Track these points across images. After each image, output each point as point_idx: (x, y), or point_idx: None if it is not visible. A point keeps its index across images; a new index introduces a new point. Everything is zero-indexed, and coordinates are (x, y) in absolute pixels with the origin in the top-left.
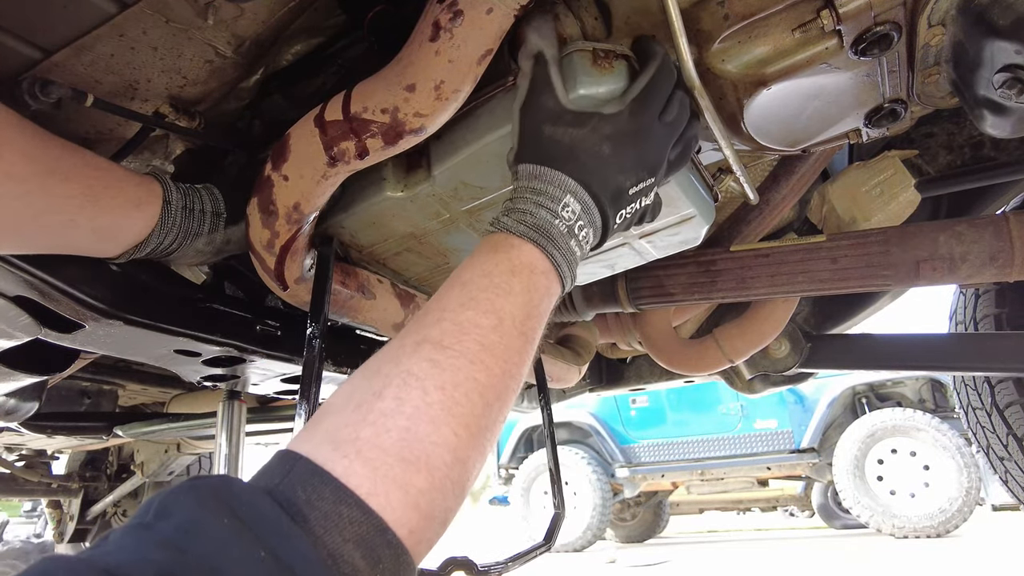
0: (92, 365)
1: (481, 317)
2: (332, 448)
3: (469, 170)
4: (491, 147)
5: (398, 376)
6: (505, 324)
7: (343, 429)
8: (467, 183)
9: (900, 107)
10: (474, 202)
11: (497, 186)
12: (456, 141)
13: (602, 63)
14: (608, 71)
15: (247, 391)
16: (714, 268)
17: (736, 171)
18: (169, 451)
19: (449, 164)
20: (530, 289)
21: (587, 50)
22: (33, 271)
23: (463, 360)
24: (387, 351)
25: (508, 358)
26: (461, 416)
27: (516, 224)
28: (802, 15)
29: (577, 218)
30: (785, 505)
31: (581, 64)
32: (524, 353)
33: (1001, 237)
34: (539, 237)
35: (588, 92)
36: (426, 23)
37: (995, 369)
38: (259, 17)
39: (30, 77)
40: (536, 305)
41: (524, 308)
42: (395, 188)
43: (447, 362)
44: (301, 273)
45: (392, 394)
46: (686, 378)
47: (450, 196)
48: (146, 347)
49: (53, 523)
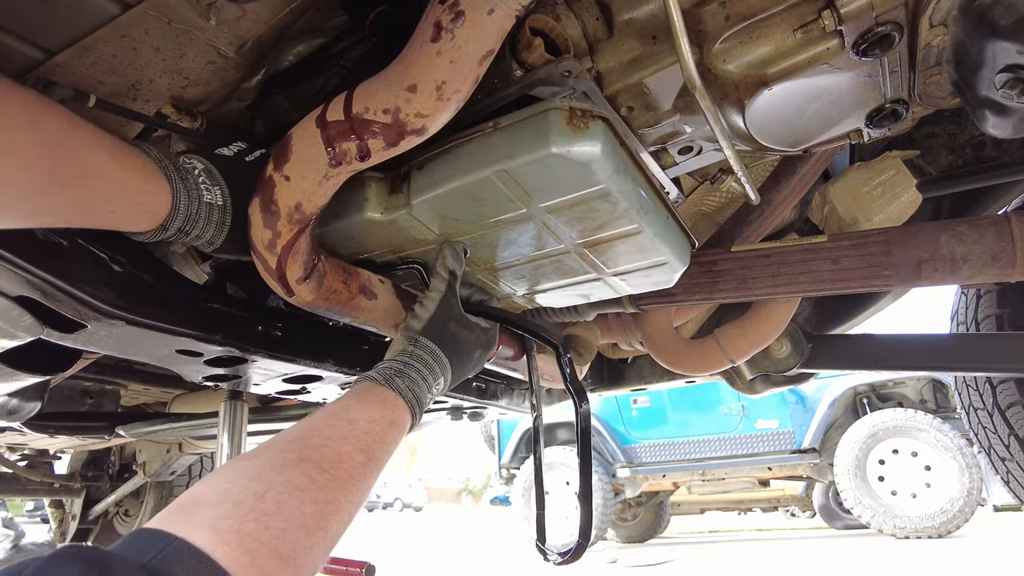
0: (94, 365)
1: (357, 454)
2: (212, 533)
3: (445, 204)
4: (465, 188)
5: (280, 484)
6: (371, 463)
7: (224, 520)
8: (443, 215)
9: (901, 107)
10: (450, 230)
11: (471, 219)
12: (434, 175)
13: (577, 122)
14: (582, 131)
15: (249, 391)
16: (715, 268)
17: (737, 171)
18: (171, 451)
19: (426, 196)
20: (396, 440)
21: (563, 109)
22: (35, 271)
23: (336, 484)
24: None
25: (364, 490)
26: (327, 530)
27: (407, 391)
28: (803, 16)
29: (438, 392)
30: (786, 505)
31: (556, 122)
32: (371, 488)
33: (1003, 237)
34: (417, 406)
35: (559, 151)
36: (427, 24)
37: (996, 369)
38: (261, 18)
39: (33, 78)
40: (391, 452)
41: (387, 454)
42: (376, 210)
43: (324, 482)
44: (303, 273)
45: (273, 498)
46: (687, 378)
47: (427, 223)
48: (148, 347)
49: (55, 523)
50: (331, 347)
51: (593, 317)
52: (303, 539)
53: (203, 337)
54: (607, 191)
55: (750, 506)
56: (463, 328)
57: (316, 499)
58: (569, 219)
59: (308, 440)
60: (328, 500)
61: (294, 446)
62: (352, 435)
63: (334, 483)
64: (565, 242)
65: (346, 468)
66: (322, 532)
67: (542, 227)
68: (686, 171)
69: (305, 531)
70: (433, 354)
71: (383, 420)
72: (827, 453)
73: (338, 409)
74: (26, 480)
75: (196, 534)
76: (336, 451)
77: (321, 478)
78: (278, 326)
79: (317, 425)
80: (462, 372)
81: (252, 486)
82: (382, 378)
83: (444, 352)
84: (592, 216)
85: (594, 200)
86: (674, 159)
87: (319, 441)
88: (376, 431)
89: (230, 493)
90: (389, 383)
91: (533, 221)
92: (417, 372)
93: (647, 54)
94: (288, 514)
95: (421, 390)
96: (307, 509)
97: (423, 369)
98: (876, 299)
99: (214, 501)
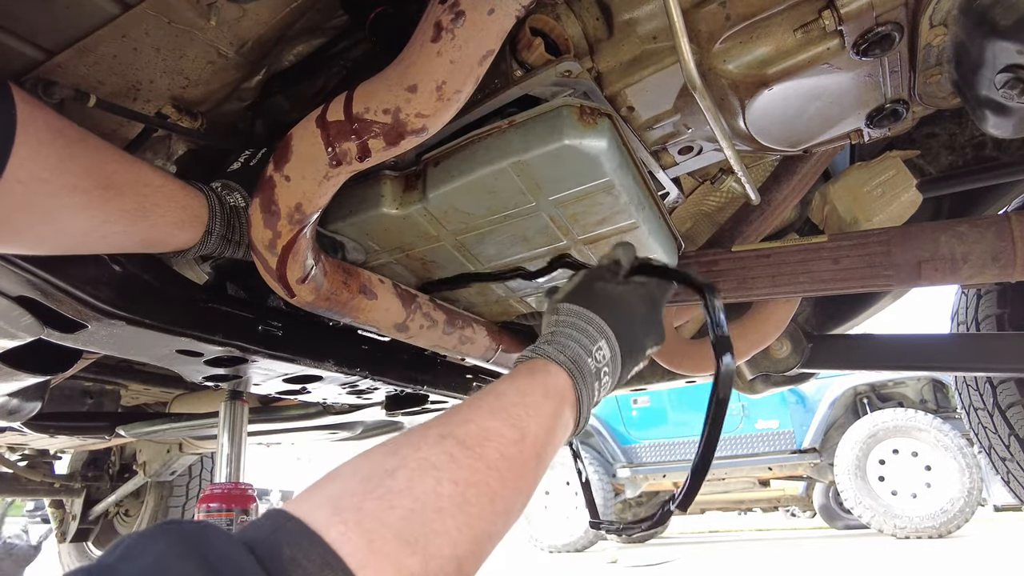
0: (94, 365)
1: (507, 429)
2: (331, 512)
3: (460, 197)
4: (482, 180)
5: (415, 461)
6: (527, 441)
7: (346, 497)
8: (457, 208)
9: (902, 107)
10: (460, 226)
11: (482, 214)
12: (451, 170)
13: (587, 119)
14: (592, 126)
15: (249, 391)
16: (716, 268)
17: (737, 171)
18: (171, 451)
19: (443, 190)
20: (557, 415)
21: (575, 106)
22: (36, 271)
23: (481, 463)
24: (408, 436)
25: (522, 475)
26: (468, 515)
27: (556, 353)
28: (804, 16)
29: (605, 363)
30: (786, 505)
31: (569, 117)
32: (535, 475)
33: (1003, 237)
34: (575, 369)
35: (572, 143)
36: (428, 24)
37: (997, 370)
38: (261, 18)
39: (33, 78)
40: (555, 433)
41: (547, 432)
42: (391, 205)
43: (466, 461)
44: (303, 273)
45: (405, 475)
46: (687, 378)
47: (440, 218)
48: (148, 347)
49: (55, 523)
50: (331, 347)
51: None
52: (435, 523)
53: (203, 337)
54: (611, 184)
55: (750, 506)
56: (615, 284)
57: (456, 479)
58: (574, 213)
59: (453, 417)
60: (471, 482)
61: (438, 422)
62: (500, 408)
63: (479, 462)
64: (567, 238)
65: (495, 446)
66: (462, 517)
67: (548, 222)
68: (686, 171)
69: (438, 514)
70: (580, 315)
71: (535, 391)
72: (827, 453)
73: (486, 389)
74: (26, 480)
75: (316, 513)
76: (482, 427)
77: (463, 456)
78: (278, 326)
79: (464, 404)
80: (630, 330)
81: (385, 462)
82: (531, 352)
83: (594, 310)
84: (594, 210)
85: (598, 193)
86: (674, 159)
87: (464, 417)
88: (529, 403)
89: (361, 468)
90: (536, 352)
91: (540, 215)
92: (566, 336)
93: (647, 54)
94: (419, 493)
95: (575, 352)
96: (443, 490)
97: (572, 332)
98: (876, 299)
99: (345, 475)
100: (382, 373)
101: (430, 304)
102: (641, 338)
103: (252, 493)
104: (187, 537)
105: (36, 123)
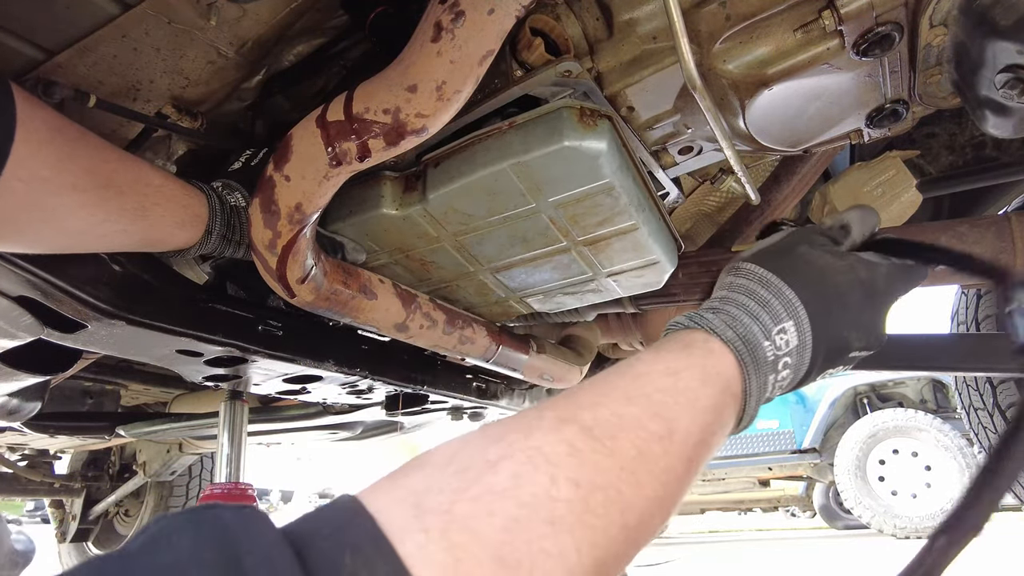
0: (94, 365)
1: (649, 420)
2: (412, 513)
3: (460, 198)
4: (482, 181)
5: (524, 451)
6: (675, 438)
7: (435, 494)
8: (457, 209)
9: (902, 107)
10: (460, 227)
11: (482, 216)
12: (451, 171)
13: (587, 120)
14: (592, 128)
15: (249, 391)
16: (716, 268)
17: (738, 171)
18: (171, 451)
19: (443, 191)
20: (716, 409)
21: (575, 107)
22: (36, 271)
23: (612, 461)
24: (519, 418)
25: (666, 481)
26: (591, 529)
27: (723, 327)
28: (803, 16)
29: (787, 353)
30: (786, 505)
31: (569, 119)
32: (682, 484)
33: (1003, 238)
34: (745, 353)
35: (572, 144)
36: (428, 24)
37: (997, 370)
38: (261, 18)
39: (33, 78)
40: (713, 431)
41: (702, 429)
42: (391, 206)
43: (591, 456)
44: (303, 273)
45: (510, 469)
46: None
47: (440, 219)
48: (148, 347)
49: (55, 523)
50: (331, 347)
51: (593, 317)
52: (546, 539)
53: (203, 337)
54: (611, 185)
55: (750, 506)
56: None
57: (577, 479)
58: (573, 214)
59: (577, 398)
60: (597, 484)
61: (557, 403)
62: (642, 392)
63: (609, 459)
64: (567, 239)
65: (632, 440)
66: (582, 532)
67: (548, 223)
68: (686, 171)
69: (551, 527)
70: (766, 282)
71: (689, 373)
72: (827, 453)
73: (624, 365)
74: (26, 480)
75: (394, 511)
76: (617, 413)
77: (589, 449)
78: (278, 326)
79: (593, 382)
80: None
81: (488, 450)
82: (687, 320)
83: (788, 281)
84: (594, 212)
85: (598, 195)
86: (674, 159)
87: (592, 399)
88: (681, 388)
89: (457, 456)
90: (695, 321)
91: (540, 217)
92: (739, 305)
93: (647, 54)
94: (527, 496)
95: (748, 330)
96: (559, 493)
97: (749, 302)
98: None
99: (436, 462)
100: (382, 373)
101: (430, 304)
102: (845, 332)
103: (252, 493)
104: (223, 532)
105: (36, 122)
